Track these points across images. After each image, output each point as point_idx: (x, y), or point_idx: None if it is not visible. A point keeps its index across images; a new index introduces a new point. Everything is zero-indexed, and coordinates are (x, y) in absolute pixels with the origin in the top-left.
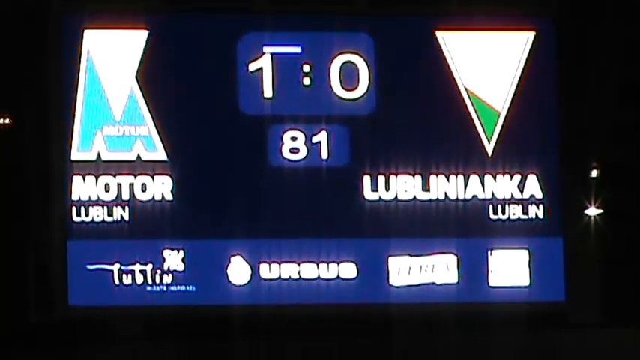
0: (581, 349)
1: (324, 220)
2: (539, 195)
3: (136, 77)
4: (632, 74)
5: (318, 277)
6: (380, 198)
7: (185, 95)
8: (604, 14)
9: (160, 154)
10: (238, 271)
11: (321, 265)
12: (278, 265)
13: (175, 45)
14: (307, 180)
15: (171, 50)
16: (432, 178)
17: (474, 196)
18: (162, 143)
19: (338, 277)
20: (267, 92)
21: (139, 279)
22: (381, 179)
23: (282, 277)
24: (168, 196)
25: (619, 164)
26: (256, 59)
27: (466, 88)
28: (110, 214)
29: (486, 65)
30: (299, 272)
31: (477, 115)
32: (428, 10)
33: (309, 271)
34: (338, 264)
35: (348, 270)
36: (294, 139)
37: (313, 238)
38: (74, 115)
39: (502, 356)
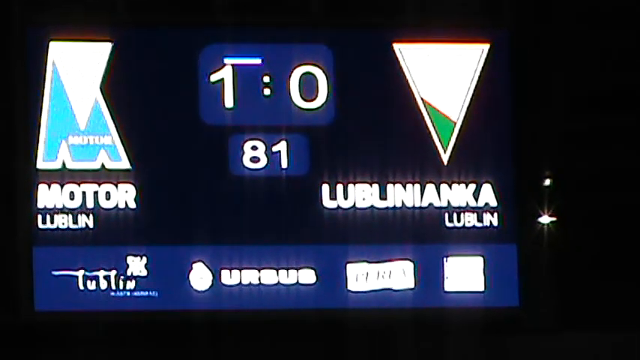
0: (535, 353)
1: (283, 228)
2: (493, 203)
3: (101, 88)
4: (583, 85)
5: (278, 282)
6: (338, 206)
7: (148, 105)
8: (556, 27)
9: (124, 163)
10: (200, 277)
11: (280, 271)
12: (239, 271)
13: (138, 56)
14: (267, 188)
15: (135, 61)
16: (389, 186)
17: (430, 204)
18: (126, 152)
19: (297, 282)
20: (228, 103)
21: (103, 285)
22: (340, 188)
23: (243, 282)
24: (132, 204)
25: (572, 173)
26: (217, 70)
27: (422, 99)
28: (75, 222)
29: (442, 76)
30: (259, 278)
31: (433, 125)
32: (385, 23)
33: (269, 277)
34: (297, 270)
35: (307, 276)
36: (254, 148)
37: (273, 245)
38: (39, 125)
39: None
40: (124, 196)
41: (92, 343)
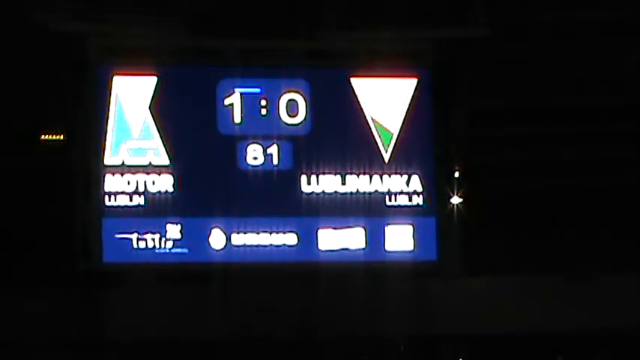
0: (449, 292)
1: (275, 205)
2: (419, 189)
3: (149, 108)
4: (481, 106)
5: (271, 244)
6: (312, 191)
7: (181, 120)
8: (460, 67)
9: (165, 160)
10: (217, 239)
11: (273, 234)
12: (244, 234)
13: (175, 86)
14: (264, 178)
15: (172, 89)
16: (348, 176)
17: (376, 190)
18: (166, 153)
19: (284, 244)
20: (237, 119)
21: (150, 244)
22: (313, 178)
23: (247, 243)
24: (170, 189)
25: (474, 167)
26: (229, 96)
27: (371, 117)
28: (130, 200)
29: (385, 101)
30: (258, 239)
31: (378, 135)
32: (345, 64)
33: (265, 239)
34: (285, 234)
35: (291, 238)
36: (255, 150)
37: (268, 217)
38: (106, 134)
39: (395, 300)
40: (165, 183)
41: (142, 285)
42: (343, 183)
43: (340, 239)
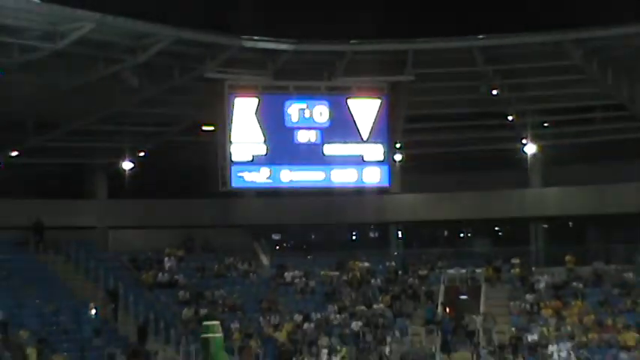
0: (395, 200)
1: (313, 159)
2: (382, 152)
3: (256, 113)
4: (410, 113)
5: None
6: (331, 153)
7: (268, 121)
8: (404, 91)
9: (261, 139)
10: (286, 176)
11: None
12: (295, 173)
13: (267, 102)
14: (307, 147)
15: (264, 105)
16: (347, 145)
17: (361, 155)
18: (262, 135)
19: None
20: (295, 119)
21: (253, 178)
22: (331, 146)
23: (295, 179)
24: (263, 152)
25: (409, 144)
26: (289, 108)
27: (358, 121)
28: (244, 158)
29: (366, 112)
30: (304, 176)
31: (362, 126)
32: (342, 92)
33: (310, 176)
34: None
35: (320, 176)
36: (303, 134)
37: (310, 165)
38: (232, 126)
39: (369, 204)
40: (260, 150)
41: (249, 197)
42: (345, 149)
43: (344, 176)
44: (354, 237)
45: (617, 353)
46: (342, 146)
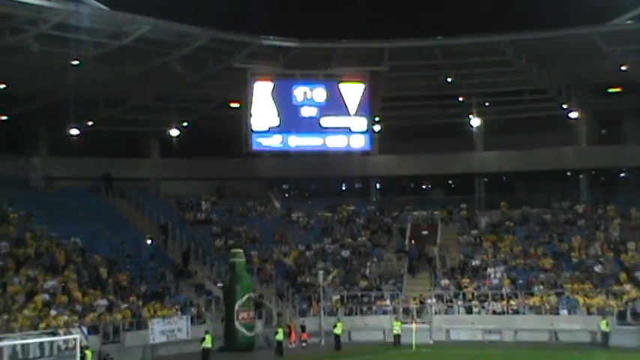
0: (374, 160)
1: (314, 129)
2: (364, 124)
3: (271, 94)
4: (385, 95)
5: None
6: (327, 125)
7: (281, 100)
8: (376, 81)
9: (275, 112)
10: (294, 141)
11: (311, 138)
12: (301, 138)
13: (279, 86)
14: (309, 120)
15: (277, 88)
16: (338, 117)
17: (348, 127)
18: (276, 110)
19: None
20: (300, 99)
21: (270, 142)
22: (327, 119)
23: (293, 144)
24: (277, 124)
25: (386, 118)
26: (297, 89)
27: (347, 101)
28: (261, 127)
29: (353, 94)
30: (308, 142)
31: (350, 104)
32: (335, 79)
33: (313, 141)
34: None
35: (318, 141)
36: (307, 110)
37: (313, 133)
38: (252, 103)
39: (357, 164)
40: (274, 121)
41: (266, 157)
42: (337, 121)
43: (336, 142)
44: (343, 187)
45: (537, 274)
46: (335, 119)
